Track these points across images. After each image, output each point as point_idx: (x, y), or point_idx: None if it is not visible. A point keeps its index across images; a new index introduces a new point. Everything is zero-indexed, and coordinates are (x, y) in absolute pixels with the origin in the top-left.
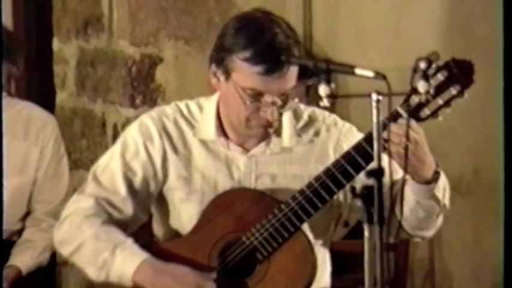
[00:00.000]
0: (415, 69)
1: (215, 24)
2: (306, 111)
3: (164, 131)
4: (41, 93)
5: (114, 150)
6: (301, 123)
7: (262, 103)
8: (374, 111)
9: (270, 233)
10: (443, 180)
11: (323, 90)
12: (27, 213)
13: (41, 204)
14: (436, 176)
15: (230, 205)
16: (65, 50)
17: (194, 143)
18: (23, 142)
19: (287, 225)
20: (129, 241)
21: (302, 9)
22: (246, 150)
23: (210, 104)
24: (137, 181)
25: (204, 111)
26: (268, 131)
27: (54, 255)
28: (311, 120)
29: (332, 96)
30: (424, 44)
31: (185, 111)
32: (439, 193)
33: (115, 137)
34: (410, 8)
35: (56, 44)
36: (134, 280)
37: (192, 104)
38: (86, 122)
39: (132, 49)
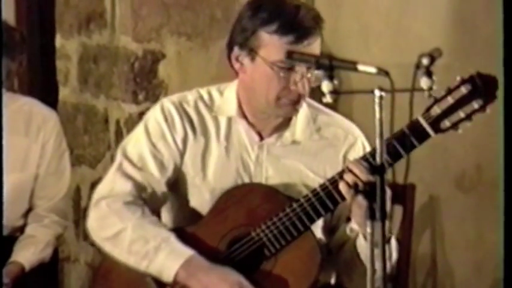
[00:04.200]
0: (418, 66)
1: (217, 20)
2: (325, 112)
3: (186, 115)
4: (44, 89)
5: (139, 133)
6: (318, 123)
7: (294, 75)
8: (377, 107)
9: (280, 230)
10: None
11: (326, 86)
12: (29, 210)
13: (43, 200)
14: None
15: (242, 199)
16: (68, 45)
17: (212, 128)
18: (24, 138)
19: (297, 224)
20: (173, 236)
21: None
22: (261, 136)
23: (230, 88)
24: (165, 163)
25: (225, 94)
26: (296, 109)
27: (56, 251)
28: (329, 122)
29: (335, 92)
30: (426, 40)
31: (206, 96)
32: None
33: (117, 133)
34: (413, 4)
35: (58, 40)
36: (177, 276)
37: (213, 90)
38: (88, 117)
39: (134, 45)
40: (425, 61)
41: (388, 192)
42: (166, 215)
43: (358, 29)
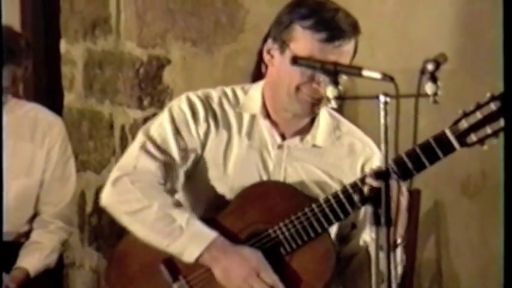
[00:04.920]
0: (423, 71)
1: (222, 26)
2: (346, 124)
3: (210, 109)
4: (49, 94)
5: (163, 118)
6: (338, 131)
7: (318, 75)
8: (382, 113)
9: (297, 230)
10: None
11: (331, 92)
12: (35, 215)
13: (48, 206)
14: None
15: (262, 196)
16: (73, 51)
17: (234, 124)
18: (30, 144)
19: (315, 225)
20: (197, 218)
21: None
22: (283, 136)
23: (256, 87)
24: (187, 150)
25: (250, 93)
26: (315, 109)
27: (61, 256)
28: (349, 132)
29: (340, 98)
30: (431, 45)
31: (230, 94)
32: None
33: (122, 138)
34: (418, 9)
35: (63, 46)
36: (201, 258)
37: (238, 88)
38: (93, 123)
39: (139, 51)
40: (430, 66)
41: (403, 203)
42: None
43: (363, 35)
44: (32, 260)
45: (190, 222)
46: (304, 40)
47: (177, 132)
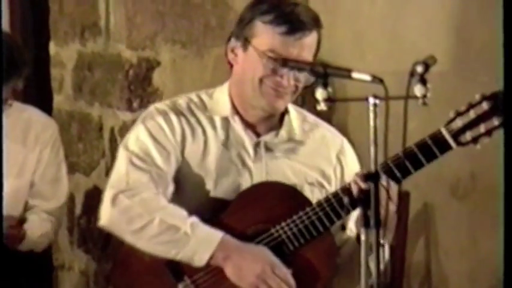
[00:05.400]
0: (412, 73)
1: (212, 28)
2: (310, 116)
3: (181, 115)
4: (38, 96)
5: (138, 131)
6: (307, 123)
7: (281, 69)
8: (371, 115)
9: (299, 229)
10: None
11: (320, 94)
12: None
13: (40, 204)
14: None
15: (262, 197)
16: (62, 53)
17: (208, 128)
18: (22, 145)
19: (317, 225)
20: (199, 220)
21: None
22: (257, 134)
23: (220, 89)
24: (169, 157)
25: (215, 96)
26: (279, 101)
27: (51, 259)
28: (317, 124)
29: (329, 100)
30: (421, 48)
31: (196, 100)
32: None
33: (112, 140)
34: (408, 11)
35: (53, 48)
36: (213, 258)
37: (202, 94)
38: (83, 125)
39: (129, 53)
40: (419, 69)
41: (392, 208)
42: None
43: (353, 37)
44: (31, 225)
45: (195, 226)
46: (265, 34)
47: (156, 142)
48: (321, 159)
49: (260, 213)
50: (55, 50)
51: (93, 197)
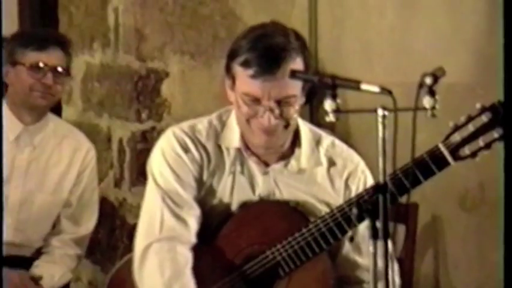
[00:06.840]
0: (421, 85)
1: (221, 39)
2: (327, 138)
3: (200, 144)
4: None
5: (160, 165)
6: (320, 148)
7: (259, 108)
8: (380, 126)
9: (295, 251)
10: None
11: (329, 105)
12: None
13: (71, 229)
14: None
15: (259, 216)
16: (71, 64)
17: (222, 158)
18: (64, 165)
19: (313, 246)
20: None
21: (308, 25)
22: (266, 164)
23: (233, 115)
24: (191, 187)
25: (228, 124)
26: (270, 139)
27: None
28: (330, 148)
29: (338, 111)
30: (429, 59)
31: (215, 122)
32: None
33: (120, 151)
34: (416, 23)
35: None
36: None
37: (217, 119)
38: (91, 136)
39: (137, 64)
40: (428, 80)
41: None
42: None
43: (361, 48)
44: (49, 270)
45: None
46: (240, 78)
47: (178, 178)
48: (328, 190)
49: (256, 233)
50: None
51: (102, 208)
